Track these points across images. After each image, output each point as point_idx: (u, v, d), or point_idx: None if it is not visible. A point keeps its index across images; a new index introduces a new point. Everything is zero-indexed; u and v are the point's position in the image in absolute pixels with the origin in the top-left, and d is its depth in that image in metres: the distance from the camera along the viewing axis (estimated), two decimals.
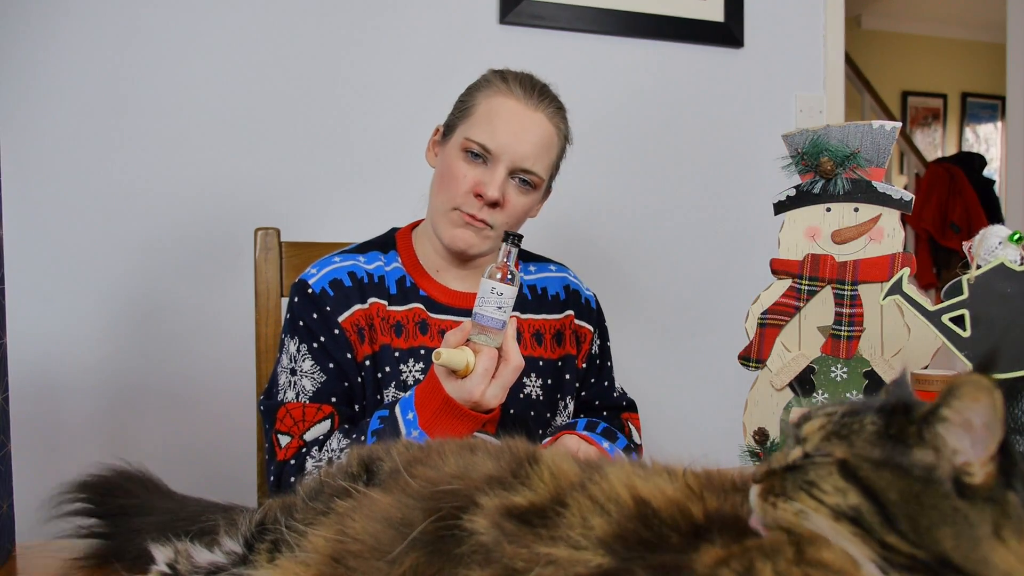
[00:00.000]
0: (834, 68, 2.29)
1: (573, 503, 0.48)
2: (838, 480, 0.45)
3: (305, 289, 1.20)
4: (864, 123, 1.10)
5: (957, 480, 0.44)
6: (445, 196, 1.20)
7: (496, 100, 1.20)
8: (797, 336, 1.14)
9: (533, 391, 1.27)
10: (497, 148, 1.17)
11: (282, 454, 1.14)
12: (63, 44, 1.75)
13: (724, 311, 2.01)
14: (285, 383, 1.18)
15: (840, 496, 0.44)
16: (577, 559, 0.44)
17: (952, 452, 0.44)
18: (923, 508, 0.43)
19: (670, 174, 2.18)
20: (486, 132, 1.18)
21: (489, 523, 0.48)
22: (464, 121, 1.21)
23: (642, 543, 0.44)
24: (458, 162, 1.19)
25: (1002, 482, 0.44)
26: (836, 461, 0.45)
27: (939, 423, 0.45)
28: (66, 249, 1.75)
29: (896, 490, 0.43)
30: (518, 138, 1.18)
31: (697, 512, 0.46)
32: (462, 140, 1.19)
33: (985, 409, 0.43)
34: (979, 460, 0.44)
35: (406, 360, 1.21)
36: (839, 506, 0.44)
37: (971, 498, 0.43)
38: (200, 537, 0.73)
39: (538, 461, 0.55)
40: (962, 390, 0.43)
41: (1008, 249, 0.95)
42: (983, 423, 0.44)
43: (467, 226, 1.19)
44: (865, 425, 0.47)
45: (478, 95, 1.22)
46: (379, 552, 0.50)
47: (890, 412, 0.46)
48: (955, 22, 6.05)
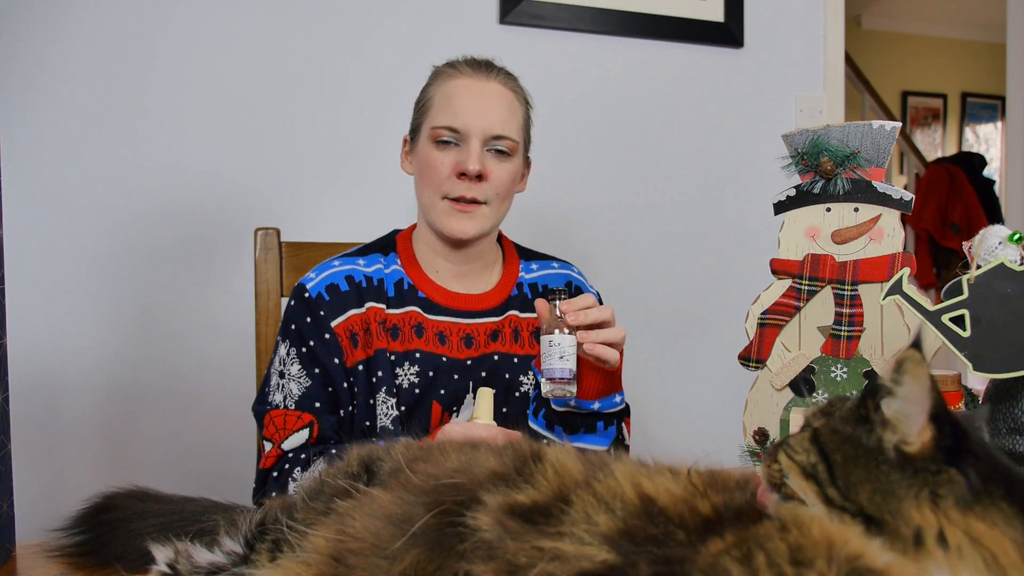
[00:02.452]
0: (834, 68, 2.29)
1: (577, 500, 0.49)
2: (806, 443, 0.53)
3: (302, 293, 1.21)
4: (864, 123, 1.10)
5: (898, 449, 0.49)
6: (430, 188, 1.21)
7: (448, 84, 1.22)
8: (797, 336, 1.14)
9: (530, 389, 1.27)
10: (464, 125, 1.19)
11: (263, 462, 1.17)
12: (63, 45, 1.75)
13: (724, 311, 2.01)
14: (275, 385, 1.20)
15: (805, 455, 0.52)
16: (582, 554, 0.44)
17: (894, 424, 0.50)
18: (857, 468, 0.50)
19: (670, 174, 2.18)
20: (449, 114, 1.20)
21: (492, 520, 0.48)
22: (425, 117, 1.24)
23: (648, 539, 0.45)
24: (432, 153, 1.21)
25: (946, 459, 0.49)
26: (812, 429, 0.53)
27: (885, 397, 0.51)
28: (66, 249, 1.75)
29: (841, 453, 0.51)
30: (480, 109, 1.20)
31: (705, 508, 0.47)
32: (429, 131, 1.21)
33: (920, 383, 0.49)
34: (914, 431, 0.49)
35: (401, 363, 1.21)
36: (803, 463, 0.51)
37: (905, 465, 0.49)
38: (200, 537, 0.73)
39: (542, 458, 0.55)
40: (903, 366, 0.49)
41: (1008, 249, 0.95)
42: (918, 396, 0.49)
43: (460, 213, 1.21)
44: (846, 404, 0.54)
45: (430, 89, 1.25)
46: (380, 549, 0.50)
47: (864, 393, 0.54)
48: (955, 22, 6.05)
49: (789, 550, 0.43)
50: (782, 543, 0.43)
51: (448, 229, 1.21)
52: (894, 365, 0.50)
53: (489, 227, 1.24)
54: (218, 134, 1.84)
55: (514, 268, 1.33)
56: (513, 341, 1.27)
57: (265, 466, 1.16)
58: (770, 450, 0.55)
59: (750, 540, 0.44)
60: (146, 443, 1.80)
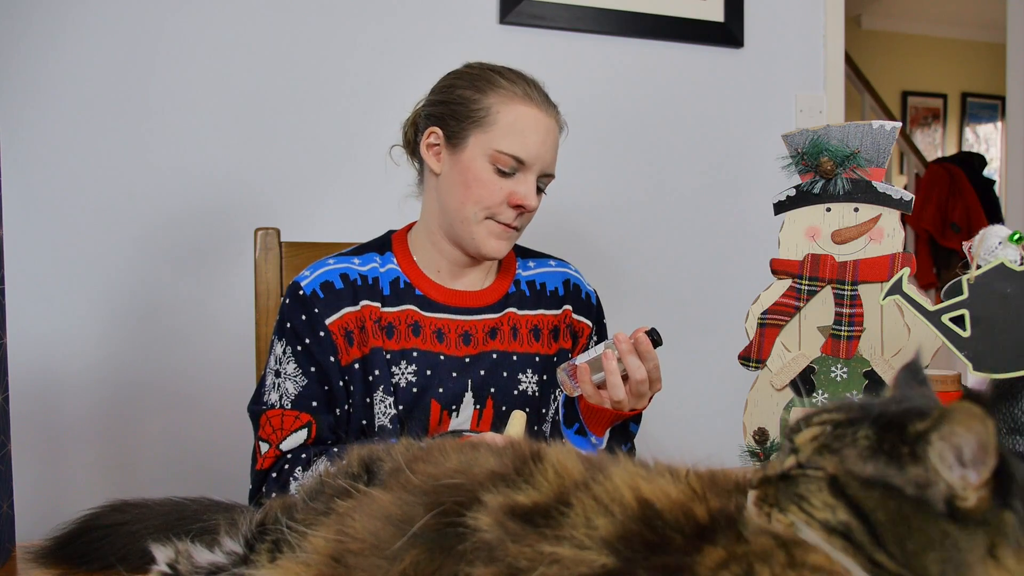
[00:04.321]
0: (834, 68, 2.29)
1: (577, 503, 0.48)
2: (827, 496, 0.45)
3: (296, 291, 1.21)
4: (864, 123, 1.10)
5: (949, 502, 0.43)
6: (476, 206, 1.20)
7: (519, 109, 1.20)
8: (797, 336, 1.14)
9: (529, 387, 1.27)
10: (530, 159, 1.20)
11: (260, 463, 1.16)
12: (63, 45, 1.75)
13: (724, 311, 2.01)
14: (270, 384, 1.20)
15: (829, 512, 0.44)
16: (581, 559, 0.44)
17: (943, 476, 0.44)
18: (911, 530, 0.42)
19: (670, 174, 2.18)
20: (518, 145, 1.19)
21: (492, 521, 0.48)
22: (481, 129, 1.19)
23: (646, 544, 0.44)
24: (491, 175, 1.20)
25: (998, 502, 0.43)
26: (827, 476, 0.46)
27: (930, 447, 0.44)
28: (66, 249, 1.75)
29: (885, 510, 0.43)
30: (546, 147, 1.22)
31: (701, 513, 0.46)
32: (491, 152, 1.19)
33: (977, 438, 0.43)
34: (972, 486, 0.43)
35: (397, 362, 1.21)
36: (828, 522, 0.44)
37: (963, 521, 0.43)
38: (201, 537, 0.73)
39: (542, 459, 0.54)
40: (954, 417, 0.43)
41: (1008, 249, 0.95)
42: (975, 451, 0.43)
43: (502, 236, 1.23)
44: (858, 439, 0.46)
45: (491, 99, 1.20)
46: (379, 549, 0.50)
47: (884, 427, 0.46)
48: (955, 22, 6.05)
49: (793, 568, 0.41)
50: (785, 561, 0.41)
51: (487, 248, 1.23)
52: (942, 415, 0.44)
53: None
54: (218, 134, 1.84)
55: (511, 266, 1.33)
56: (512, 339, 1.27)
57: (263, 467, 1.16)
58: (758, 485, 0.49)
59: (750, 556, 0.42)
60: (146, 443, 1.80)
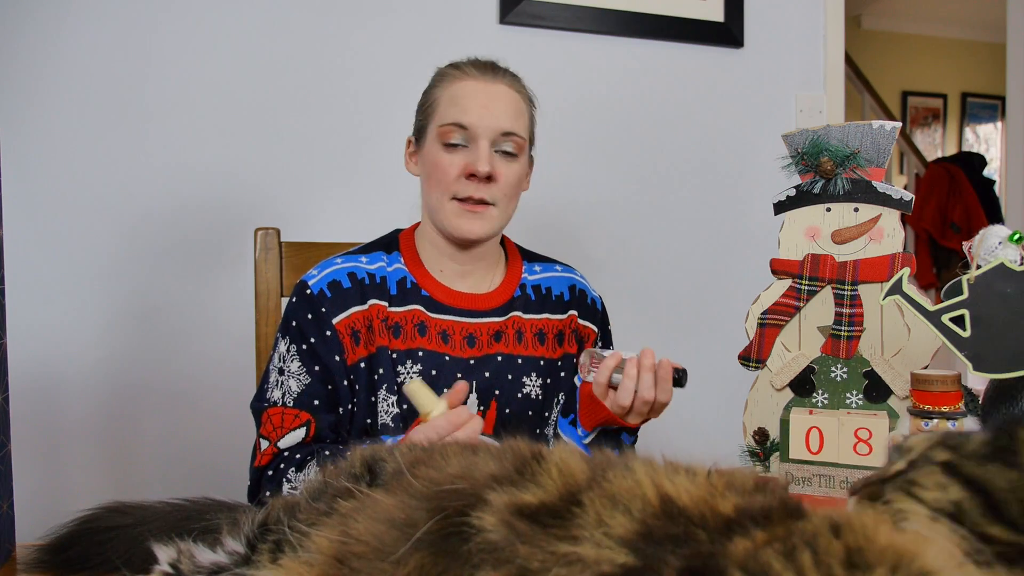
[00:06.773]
0: (834, 68, 2.29)
1: (588, 502, 0.47)
2: (940, 477, 0.44)
3: (304, 290, 1.21)
4: (864, 123, 1.10)
5: None
6: (439, 189, 1.21)
7: (455, 85, 1.22)
8: (797, 336, 1.14)
9: (532, 391, 1.27)
10: (472, 123, 1.19)
11: (258, 460, 1.17)
12: (64, 45, 1.75)
13: (724, 311, 2.01)
14: (273, 382, 1.20)
15: (940, 491, 0.44)
16: (602, 558, 0.42)
17: None
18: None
19: (670, 174, 2.19)
20: (456, 111, 1.19)
21: (498, 520, 0.47)
22: (431, 118, 1.23)
23: (669, 539, 0.43)
24: (440, 154, 1.21)
25: None
26: (940, 463, 0.45)
27: None
28: (66, 249, 1.75)
29: (1005, 479, 0.43)
30: (489, 110, 1.20)
31: (726, 508, 0.45)
32: (436, 131, 1.21)
33: None
34: None
35: (403, 361, 1.21)
36: (938, 501, 0.43)
37: None
38: (203, 536, 0.73)
39: (544, 459, 0.54)
40: None
41: (1008, 249, 0.95)
42: None
43: (469, 214, 1.21)
44: (972, 438, 0.47)
45: (435, 91, 1.25)
46: (383, 553, 0.50)
47: (998, 428, 0.47)
48: (955, 22, 6.05)
49: (846, 552, 0.39)
50: (837, 544, 0.40)
51: (458, 230, 1.21)
52: None
53: (497, 227, 1.24)
54: (218, 134, 1.84)
55: (517, 269, 1.33)
56: (517, 342, 1.27)
57: (261, 464, 1.16)
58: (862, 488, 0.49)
59: (794, 536, 0.41)
60: (146, 443, 1.80)
